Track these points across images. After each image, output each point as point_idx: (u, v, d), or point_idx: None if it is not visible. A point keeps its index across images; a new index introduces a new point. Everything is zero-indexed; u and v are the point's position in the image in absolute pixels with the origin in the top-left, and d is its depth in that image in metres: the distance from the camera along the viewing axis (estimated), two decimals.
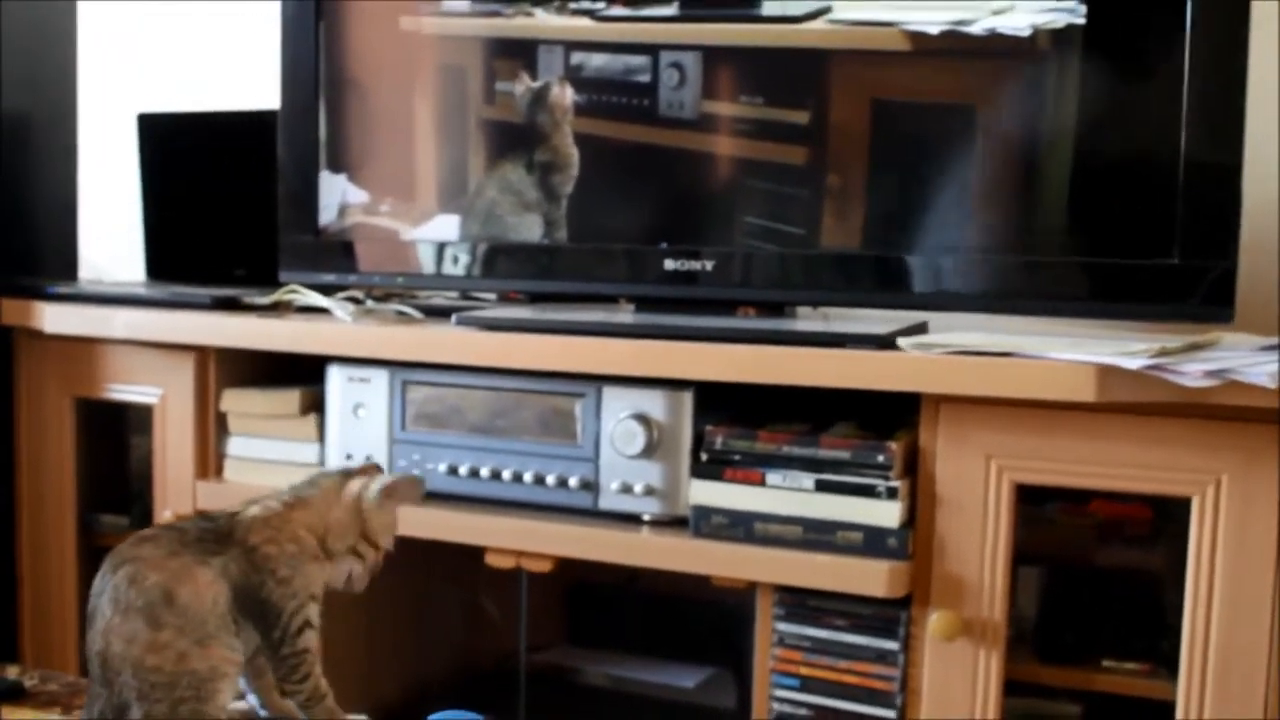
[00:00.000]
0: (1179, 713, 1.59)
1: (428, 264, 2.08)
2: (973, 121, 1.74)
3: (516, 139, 2.00)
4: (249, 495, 1.48)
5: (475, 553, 1.92)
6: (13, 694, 1.67)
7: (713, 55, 1.88)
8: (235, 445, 2.17)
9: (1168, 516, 1.75)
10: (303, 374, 2.11)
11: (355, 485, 1.47)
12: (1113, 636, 1.73)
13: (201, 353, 2.16)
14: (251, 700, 1.51)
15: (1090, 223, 1.70)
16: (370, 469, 1.51)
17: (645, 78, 1.90)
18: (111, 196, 2.81)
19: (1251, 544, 1.54)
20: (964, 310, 1.83)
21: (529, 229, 2.00)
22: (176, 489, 2.19)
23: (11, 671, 1.74)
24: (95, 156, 2.78)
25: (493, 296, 2.28)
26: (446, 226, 2.06)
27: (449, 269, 2.07)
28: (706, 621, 2.20)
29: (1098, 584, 1.84)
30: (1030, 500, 1.74)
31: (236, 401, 2.15)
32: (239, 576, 1.40)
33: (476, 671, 2.32)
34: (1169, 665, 1.62)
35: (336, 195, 2.13)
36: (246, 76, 2.67)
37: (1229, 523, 1.55)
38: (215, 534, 1.42)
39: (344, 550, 1.46)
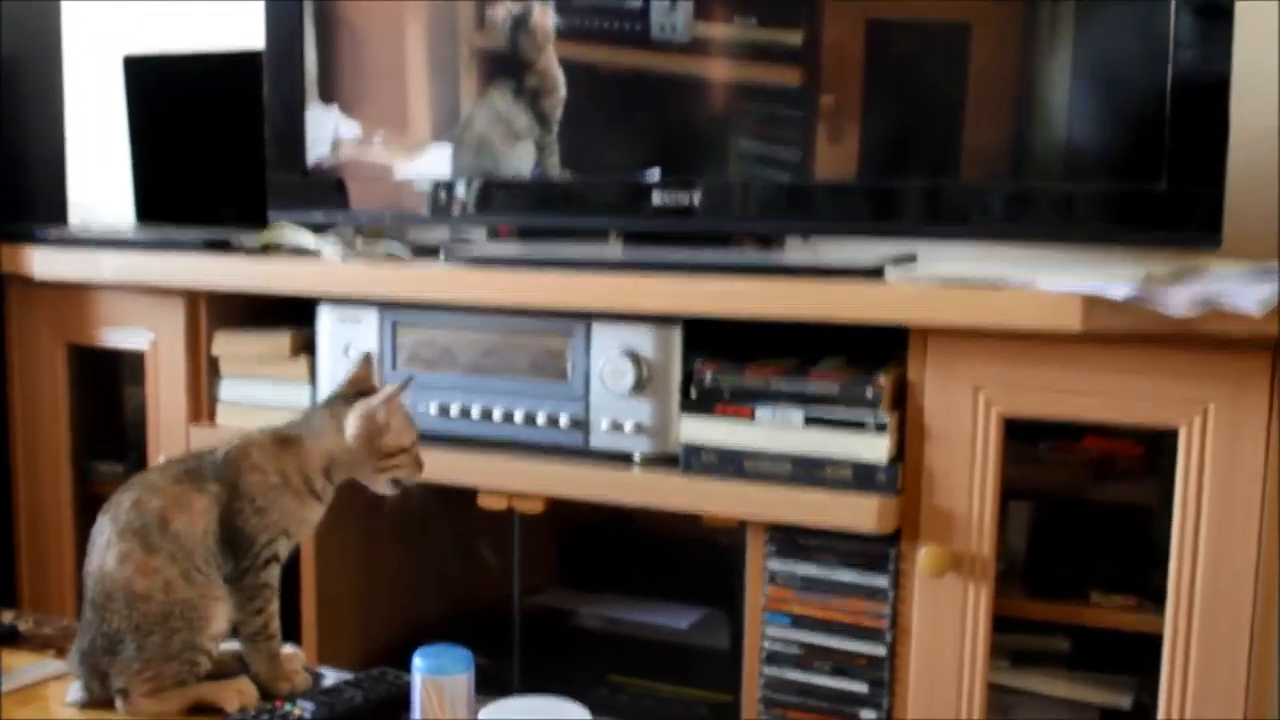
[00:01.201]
0: (1166, 645, 1.59)
1: (416, 201, 2.07)
2: (967, 42, 1.72)
3: (505, 65, 1.98)
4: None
5: (468, 495, 1.92)
6: (7, 638, 1.68)
7: None
8: (227, 388, 2.17)
9: (1158, 451, 1.74)
10: (294, 315, 2.10)
11: (350, 423, 1.48)
12: (1102, 571, 1.73)
13: (192, 296, 2.16)
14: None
15: (1080, 149, 1.69)
16: (360, 379, 1.51)
17: (637, 1, 1.88)
18: (100, 140, 2.80)
19: (1239, 473, 1.54)
20: (955, 239, 1.82)
21: (521, 157, 1.98)
22: (170, 434, 2.19)
23: (6, 617, 1.75)
24: (82, 100, 2.77)
25: (481, 233, 2.27)
26: (439, 157, 2.05)
27: (437, 206, 2.06)
28: (699, 561, 2.20)
29: (1088, 519, 1.83)
30: (1022, 438, 1.73)
31: (228, 344, 2.15)
32: (226, 502, 1.44)
33: (471, 614, 2.32)
34: (1157, 599, 1.62)
35: (326, 131, 2.12)
36: (233, 16, 2.65)
37: (1216, 452, 1.55)
38: (214, 466, 1.47)
39: (369, 474, 1.50)
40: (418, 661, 1.29)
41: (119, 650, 1.40)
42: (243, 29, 2.47)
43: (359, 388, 1.52)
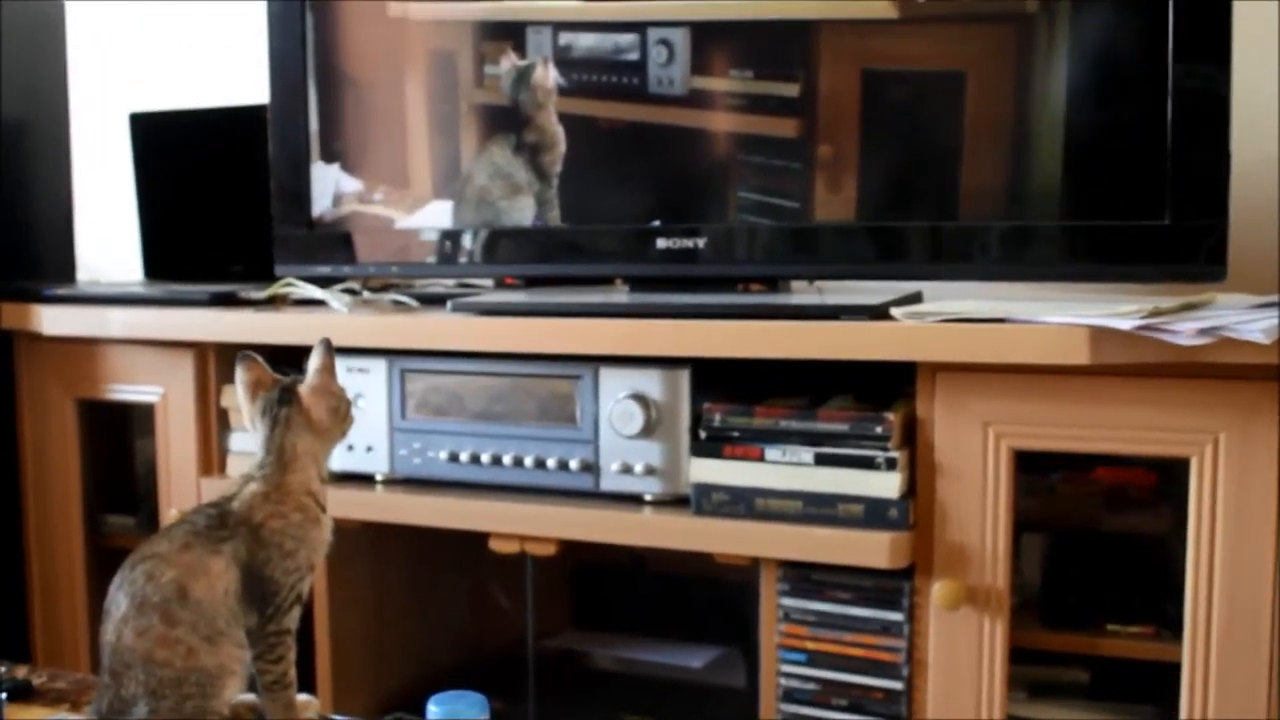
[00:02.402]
0: (1185, 673, 1.59)
1: (422, 252, 2.09)
2: (962, 88, 1.74)
3: (504, 121, 2.01)
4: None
5: (479, 539, 1.92)
6: (21, 693, 1.68)
7: (700, 30, 1.87)
8: (238, 441, 2.17)
9: (1171, 480, 1.75)
10: (302, 367, 2.11)
11: (317, 409, 1.46)
12: (1117, 601, 1.73)
13: (200, 349, 2.17)
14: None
15: (1081, 186, 1.70)
16: (257, 381, 1.49)
17: (634, 55, 1.90)
18: (107, 197, 2.82)
19: (1251, 502, 1.54)
20: (958, 279, 1.83)
21: (521, 212, 2.00)
22: (181, 487, 2.20)
23: (20, 671, 1.75)
24: (89, 158, 2.79)
25: (489, 282, 2.28)
26: (440, 213, 2.07)
27: (443, 256, 2.07)
28: (713, 600, 2.20)
29: (1102, 549, 1.84)
30: (1034, 470, 1.74)
31: (236, 397, 2.15)
32: (247, 557, 1.41)
33: (485, 658, 2.32)
34: (1174, 627, 1.62)
35: (330, 185, 2.14)
36: (237, 72, 2.67)
37: (1228, 481, 1.55)
38: (221, 518, 1.43)
39: (336, 445, 1.49)
40: (432, 708, 1.28)
41: (132, 712, 1.40)
42: (248, 85, 2.49)
43: (265, 386, 1.49)
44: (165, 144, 2.58)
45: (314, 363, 1.48)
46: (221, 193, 2.52)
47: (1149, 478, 1.82)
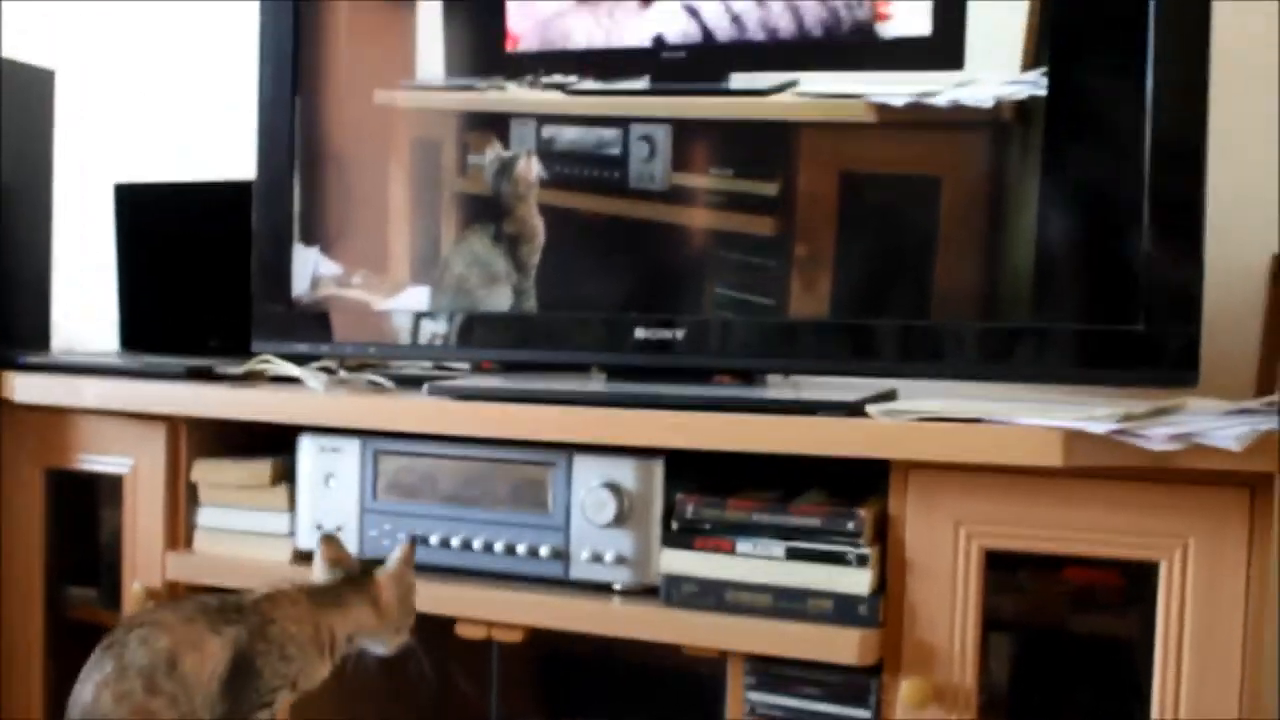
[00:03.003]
0: None
1: (400, 334, 2.09)
2: (938, 192, 1.77)
3: (484, 211, 2.02)
4: (218, 566, 1.50)
5: (445, 624, 1.91)
6: None
7: (682, 128, 1.90)
8: (206, 516, 2.16)
9: (1140, 583, 1.75)
10: (274, 444, 2.11)
11: (386, 591, 1.56)
12: (1084, 703, 1.73)
13: (173, 423, 2.16)
14: None
15: (1055, 290, 1.72)
16: (336, 559, 1.55)
17: (616, 150, 1.92)
18: (87, 268, 2.82)
19: (1220, 608, 1.55)
20: (931, 377, 1.84)
21: (498, 300, 2.02)
22: (146, 560, 2.18)
23: None
24: (70, 227, 2.79)
25: (466, 366, 2.28)
26: (417, 298, 2.08)
27: (421, 339, 2.08)
28: (681, 692, 2.19)
29: (1069, 650, 1.84)
30: (1002, 568, 1.74)
31: (207, 471, 2.14)
32: (245, 645, 1.43)
33: None
34: None
35: (309, 267, 2.15)
36: (223, 148, 2.69)
37: (1197, 586, 1.56)
38: (238, 606, 1.46)
39: (393, 636, 1.60)
40: None
41: None
42: (233, 161, 2.50)
43: (345, 565, 1.58)
44: (148, 216, 2.59)
45: (397, 553, 1.60)
46: (202, 268, 2.53)
47: (1117, 579, 1.82)
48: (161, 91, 2.96)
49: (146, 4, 2.98)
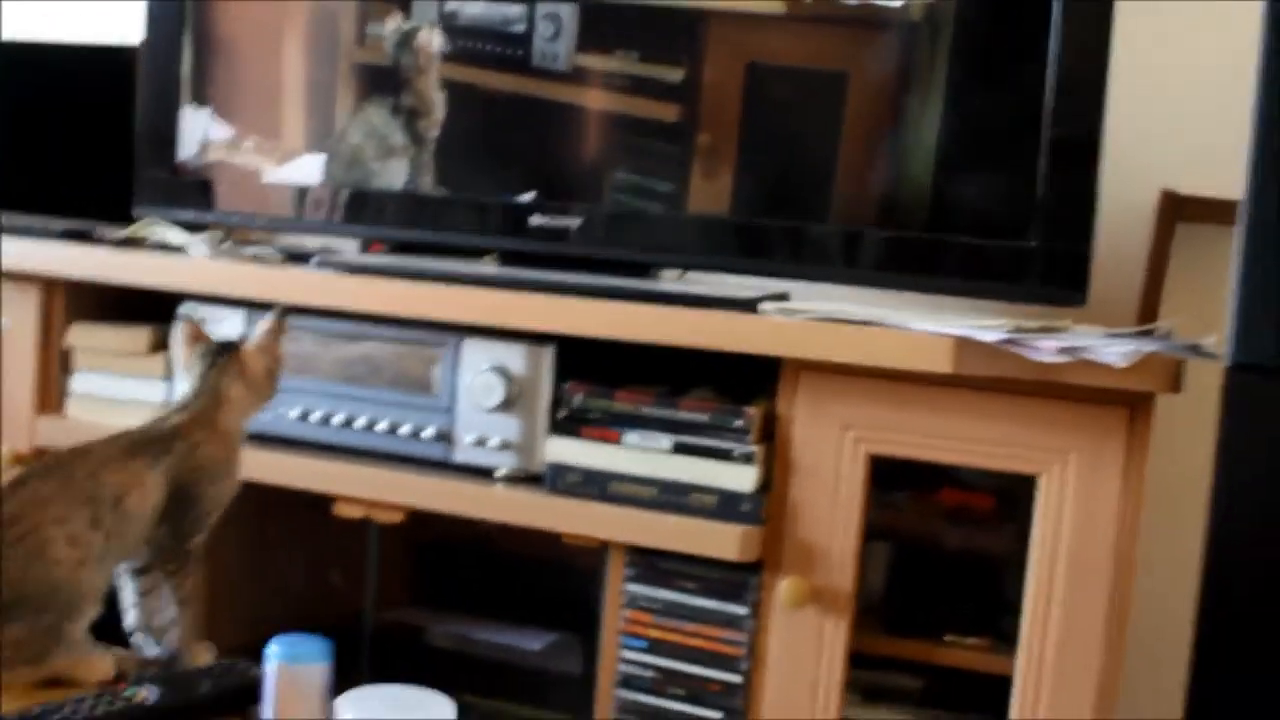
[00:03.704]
0: (1017, 686, 1.61)
1: (289, 207, 2.04)
2: (844, 89, 1.75)
3: (383, 82, 1.97)
4: (91, 432, 1.49)
5: (324, 503, 1.88)
6: None
7: (590, 8, 1.86)
8: (80, 382, 2.10)
9: (1011, 504, 1.78)
10: (153, 311, 2.05)
11: (255, 365, 1.55)
12: (956, 614, 1.76)
13: (48, 284, 2.09)
14: (140, 640, 1.53)
15: (952, 200, 1.72)
16: (195, 336, 1.58)
17: (520, 27, 1.88)
18: None
19: (1095, 523, 1.57)
20: (825, 281, 1.83)
21: (394, 174, 1.97)
22: (14, 424, 2.11)
23: None
24: None
25: (354, 245, 2.24)
26: (310, 166, 2.02)
27: (311, 213, 2.03)
28: (555, 585, 2.19)
29: (942, 564, 1.86)
30: (881, 486, 1.75)
31: (83, 336, 2.08)
32: (178, 476, 1.47)
33: (319, 626, 2.27)
34: (1008, 641, 1.65)
35: (199, 130, 2.08)
36: (109, 8, 2.59)
37: (1075, 501, 1.58)
38: (161, 435, 1.48)
39: (259, 408, 1.60)
40: (273, 649, 1.25)
41: None
42: (118, 23, 2.42)
43: (206, 342, 1.57)
44: (29, 76, 2.49)
45: (265, 323, 1.57)
46: (83, 132, 2.44)
47: (989, 500, 1.85)
48: None
49: None
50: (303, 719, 1.25)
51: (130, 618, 1.51)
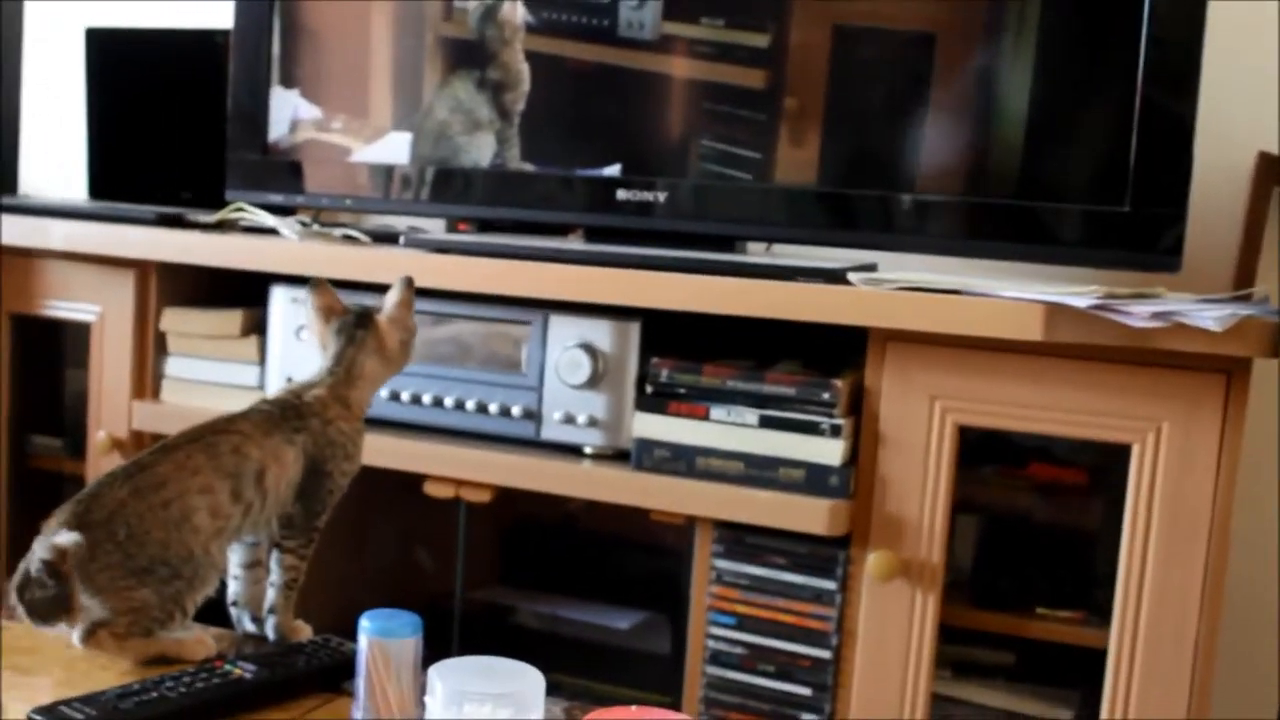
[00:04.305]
0: (1111, 659, 1.59)
1: (377, 187, 2.06)
2: (931, 51, 1.73)
3: (468, 56, 1.98)
4: (186, 417, 1.50)
5: (414, 482, 1.90)
6: None
7: None
8: (174, 365, 2.13)
9: (1103, 479, 1.76)
10: (246, 295, 2.08)
11: (391, 337, 1.55)
12: (1047, 587, 1.74)
13: (143, 269, 2.12)
14: (237, 613, 1.55)
15: (1043, 165, 1.69)
16: (328, 307, 1.57)
17: None
18: (56, 114, 2.76)
19: (1189, 492, 1.55)
20: (913, 251, 1.81)
21: (480, 148, 1.98)
22: (112, 409, 2.15)
23: None
24: (41, 71, 2.73)
25: (440, 226, 2.25)
26: (398, 145, 2.04)
27: (398, 193, 2.04)
28: (643, 563, 2.19)
29: (1033, 537, 1.84)
30: (970, 462, 1.73)
31: (177, 320, 2.12)
32: (314, 452, 1.49)
33: (409, 605, 2.29)
34: (1102, 614, 1.63)
35: (288, 111, 2.10)
36: None
37: (1167, 470, 1.56)
38: (297, 410, 1.50)
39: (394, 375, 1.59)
40: (364, 623, 1.26)
41: (133, 553, 1.36)
42: (209, 7, 2.44)
43: (337, 310, 1.56)
44: (120, 63, 2.53)
45: (394, 296, 1.56)
46: (175, 117, 2.47)
47: (1080, 475, 1.82)
48: None
49: None
50: (395, 690, 1.26)
51: (232, 589, 1.53)
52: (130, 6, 2.73)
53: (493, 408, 1.86)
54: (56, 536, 1.34)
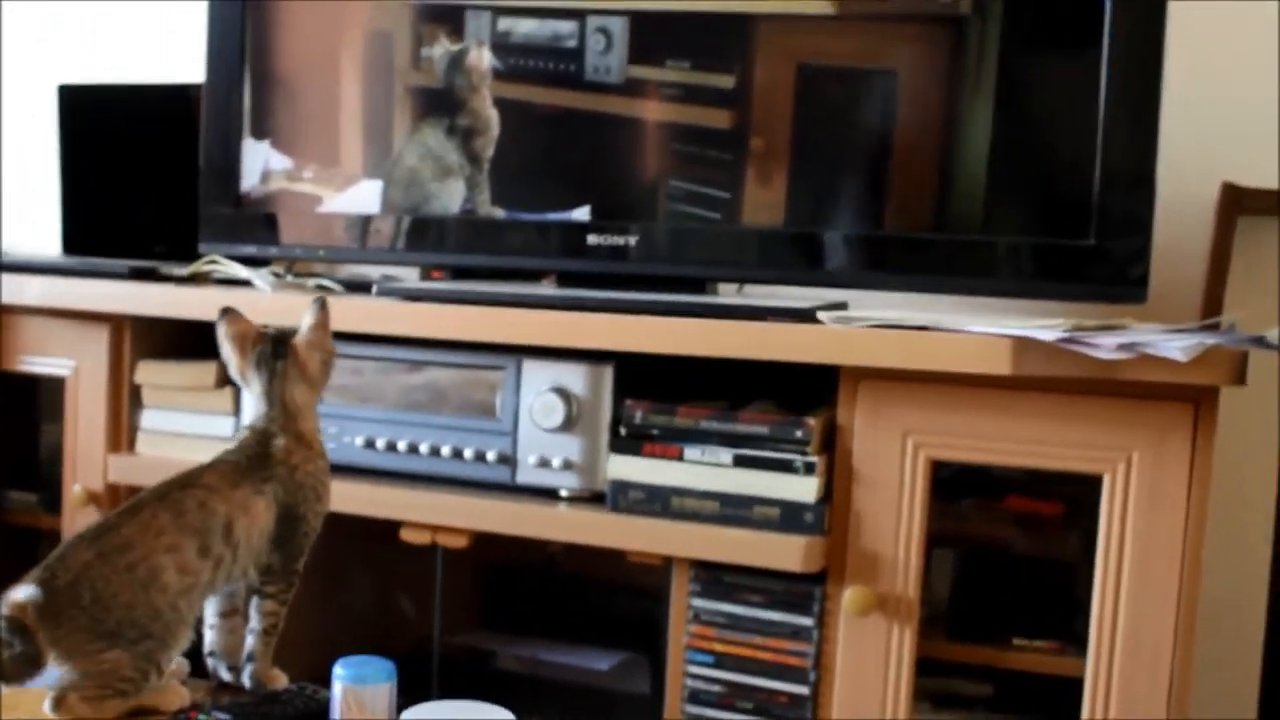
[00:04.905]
0: (1088, 688, 1.60)
1: (350, 237, 2.07)
2: (894, 88, 1.75)
3: (438, 103, 1.99)
4: (161, 469, 1.50)
5: (391, 529, 1.90)
6: None
7: (639, 19, 1.87)
8: (149, 418, 2.14)
9: (1079, 510, 1.77)
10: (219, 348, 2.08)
11: (313, 363, 1.53)
12: (1023, 618, 1.74)
13: (117, 323, 2.13)
14: (218, 667, 1.55)
15: (1007, 201, 1.72)
16: (243, 334, 1.55)
17: (572, 43, 1.90)
18: (29, 170, 2.77)
19: (1161, 520, 1.56)
20: (882, 289, 1.83)
21: (451, 194, 1.99)
22: (87, 462, 2.16)
23: None
24: (14, 128, 2.74)
25: (414, 274, 2.26)
26: (369, 192, 2.05)
27: (371, 243, 2.05)
28: (621, 605, 2.20)
29: (1009, 568, 1.85)
30: (946, 496, 1.74)
31: (151, 373, 2.12)
32: (285, 499, 1.48)
33: (388, 652, 2.28)
34: (1078, 644, 1.64)
35: (259, 162, 2.11)
36: (170, 50, 2.64)
37: (1139, 499, 1.57)
38: (262, 459, 1.49)
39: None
40: (339, 670, 1.27)
41: (101, 617, 1.35)
42: (179, 63, 2.46)
43: (251, 337, 1.54)
44: (93, 118, 2.54)
45: (309, 319, 1.54)
46: (148, 171, 2.49)
47: (1057, 507, 1.83)
48: None
49: None
50: None
51: (208, 638, 1.53)
52: (102, 62, 2.75)
53: (468, 453, 1.87)
54: (15, 593, 1.34)
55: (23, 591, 1.34)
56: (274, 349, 1.52)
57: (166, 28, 2.71)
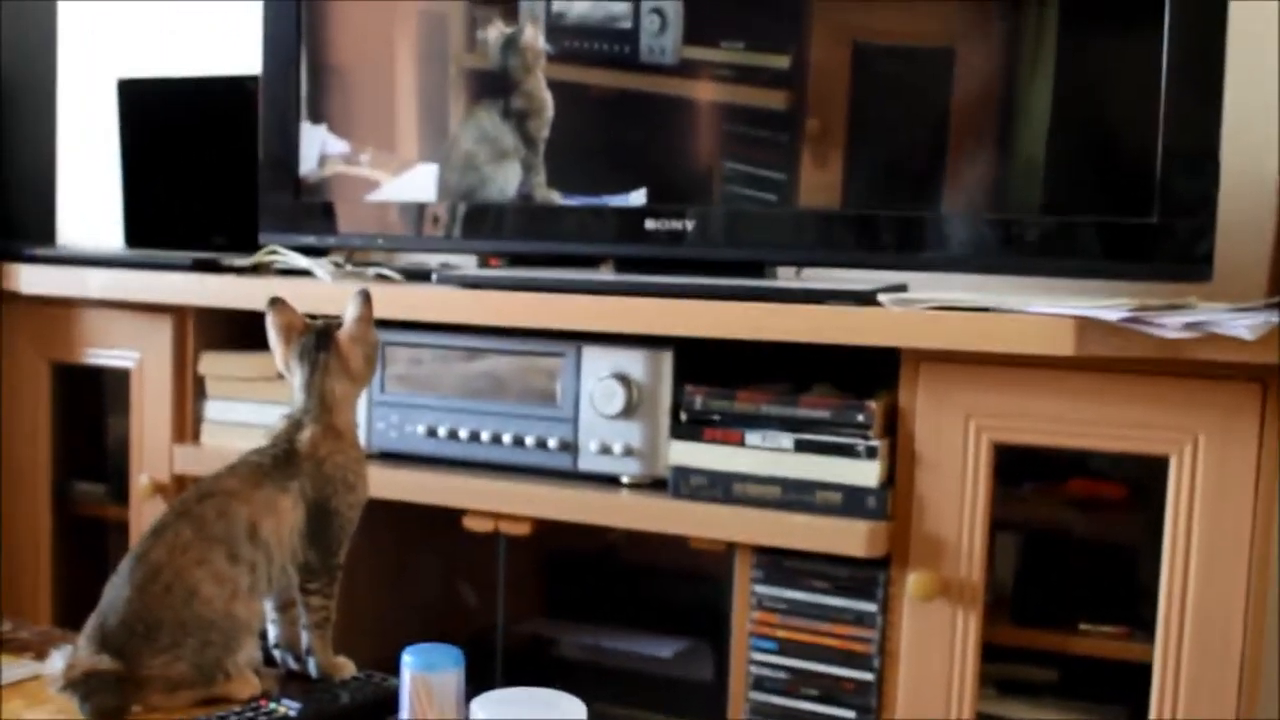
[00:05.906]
0: (1156, 673, 1.58)
1: (407, 225, 2.07)
2: (951, 66, 1.73)
3: (492, 86, 1.99)
4: (226, 459, 1.50)
5: (454, 517, 1.91)
6: None
7: (694, 0, 1.86)
8: (213, 409, 2.16)
9: (1143, 493, 1.75)
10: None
11: (356, 358, 1.52)
12: (1089, 602, 1.73)
13: (179, 314, 2.15)
14: (285, 658, 1.56)
15: (1068, 179, 1.69)
16: (289, 325, 1.54)
17: (627, 24, 1.89)
18: (90, 164, 2.80)
19: (1228, 502, 1.54)
20: (942, 270, 1.81)
21: (507, 177, 1.99)
22: (153, 453, 2.18)
23: None
24: (75, 123, 2.77)
25: (472, 261, 2.26)
26: (425, 177, 2.05)
27: (429, 231, 2.06)
28: (684, 592, 2.19)
29: (1074, 553, 1.83)
30: (1009, 480, 1.73)
31: (215, 364, 2.14)
32: (313, 493, 1.47)
33: (452, 640, 2.29)
34: (1145, 628, 1.62)
35: (316, 146, 2.12)
36: (228, 42, 2.65)
37: (1206, 481, 1.55)
38: (287, 457, 1.47)
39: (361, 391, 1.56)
40: (407, 658, 1.27)
41: (156, 639, 1.37)
42: (238, 55, 2.47)
43: (298, 328, 1.54)
44: (152, 112, 2.56)
45: (352, 311, 1.53)
46: (207, 163, 2.51)
47: (1120, 490, 1.81)
48: None
49: None
50: None
51: (271, 633, 1.54)
52: (161, 56, 2.77)
53: (529, 440, 1.87)
54: (78, 655, 1.37)
55: (83, 650, 1.37)
56: (317, 341, 1.52)
57: (223, 20, 2.73)
